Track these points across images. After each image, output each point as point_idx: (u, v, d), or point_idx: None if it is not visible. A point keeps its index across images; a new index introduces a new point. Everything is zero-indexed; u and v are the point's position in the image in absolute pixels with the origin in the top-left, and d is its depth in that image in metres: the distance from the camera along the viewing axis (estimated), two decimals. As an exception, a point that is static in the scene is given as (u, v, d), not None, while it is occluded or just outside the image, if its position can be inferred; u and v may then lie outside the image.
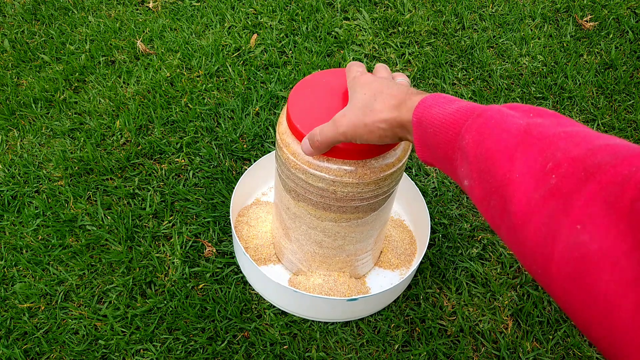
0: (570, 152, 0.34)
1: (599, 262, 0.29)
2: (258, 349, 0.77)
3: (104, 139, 1.03)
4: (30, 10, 1.32)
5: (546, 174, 0.34)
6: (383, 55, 1.26)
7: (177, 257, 0.85)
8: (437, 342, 0.79)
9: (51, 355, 0.75)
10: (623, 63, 1.28)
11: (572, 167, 0.33)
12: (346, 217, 0.67)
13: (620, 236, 0.28)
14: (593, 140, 0.34)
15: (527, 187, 0.34)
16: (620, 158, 0.31)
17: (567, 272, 0.30)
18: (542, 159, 0.35)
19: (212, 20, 1.31)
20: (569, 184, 0.32)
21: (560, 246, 0.31)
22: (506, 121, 0.39)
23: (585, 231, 0.30)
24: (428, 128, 0.46)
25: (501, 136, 0.38)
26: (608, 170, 0.31)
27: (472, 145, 0.40)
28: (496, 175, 0.37)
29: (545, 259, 0.32)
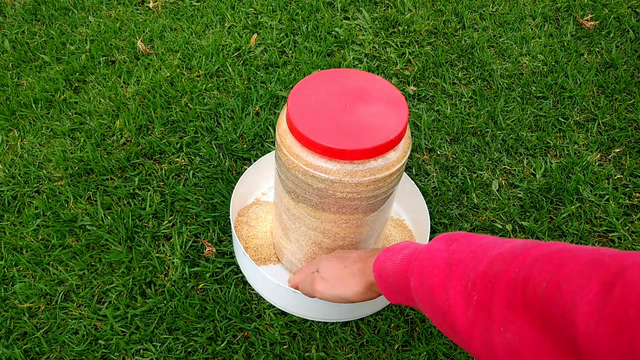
0: (478, 269, 0.43)
1: (523, 349, 0.37)
2: (258, 348, 0.77)
3: (104, 139, 1.03)
4: (31, 10, 1.33)
5: (469, 294, 0.42)
6: (383, 54, 1.26)
7: (177, 257, 0.85)
8: (437, 342, 0.79)
9: (51, 355, 0.75)
10: (624, 62, 1.28)
11: (482, 282, 0.41)
12: (346, 218, 0.67)
13: (526, 325, 0.37)
14: (490, 252, 0.43)
15: (462, 309, 0.43)
16: (507, 264, 0.40)
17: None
18: (464, 282, 0.44)
19: (212, 20, 1.31)
20: (485, 297, 0.41)
21: (498, 347, 0.39)
22: (434, 257, 0.49)
23: (507, 330, 0.38)
24: (388, 279, 0.55)
25: (433, 273, 0.48)
26: (501, 277, 0.40)
27: (418, 286, 0.49)
28: (440, 306, 0.46)
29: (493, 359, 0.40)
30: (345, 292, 0.63)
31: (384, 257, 0.57)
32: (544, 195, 0.99)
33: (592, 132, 1.12)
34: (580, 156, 1.06)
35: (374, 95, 0.64)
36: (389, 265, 0.55)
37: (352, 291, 0.62)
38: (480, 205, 0.97)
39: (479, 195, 0.98)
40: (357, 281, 0.61)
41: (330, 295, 0.64)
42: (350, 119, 0.61)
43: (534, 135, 1.10)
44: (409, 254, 0.54)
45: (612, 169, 1.04)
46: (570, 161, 1.05)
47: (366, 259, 0.62)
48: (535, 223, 0.95)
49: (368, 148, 0.59)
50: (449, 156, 1.05)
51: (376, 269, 0.57)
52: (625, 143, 1.10)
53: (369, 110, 0.62)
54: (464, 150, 1.06)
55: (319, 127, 0.60)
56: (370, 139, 0.59)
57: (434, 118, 1.12)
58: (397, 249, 0.56)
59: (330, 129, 0.60)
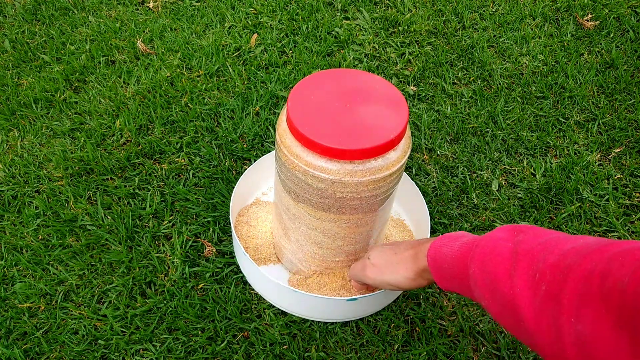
0: (547, 261, 0.42)
1: (595, 343, 0.37)
2: (258, 348, 0.77)
3: (104, 139, 1.03)
4: (31, 10, 1.33)
5: (537, 284, 0.42)
6: (383, 54, 1.26)
7: (177, 257, 0.85)
8: (437, 342, 0.79)
9: (51, 355, 0.75)
10: (624, 62, 1.28)
11: (552, 273, 0.41)
12: (346, 217, 0.67)
13: (601, 318, 0.36)
14: (562, 246, 0.43)
15: (528, 298, 0.43)
16: (582, 257, 0.40)
17: (579, 356, 0.38)
18: (532, 272, 0.43)
19: (212, 20, 1.31)
20: (555, 288, 0.40)
21: (567, 339, 0.39)
22: (497, 246, 0.48)
23: (579, 322, 0.38)
24: (443, 265, 0.55)
25: (497, 260, 0.47)
26: (575, 269, 0.40)
27: (478, 273, 0.49)
28: (504, 293, 0.45)
29: (560, 350, 0.40)
30: (395, 278, 0.62)
31: (441, 242, 0.56)
32: (544, 195, 0.99)
33: (592, 132, 1.12)
34: (580, 156, 1.06)
35: (374, 95, 0.64)
36: (446, 250, 0.55)
37: (402, 277, 0.62)
38: (480, 205, 0.97)
39: (479, 195, 0.98)
40: (408, 267, 0.61)
41: (380, 281, 0.64)
42: (350, 118, 0.61)
43: (534, 135, 1.10)
44: (468, 241, 0.53)
45: (612, 169, 1.04)
46: (570, 161, 1.05)
47: (419, 245, 0.61)
48: (535, 223, 0.95)
49: (368, 148, 0.59)
50: (449, 156, 1.05)
51: (431, 254, 0.57)
52: (625, 143, 1.10)
53: (369, 110, 0.62)
54: (464, 150, 1.06)
55: (319, 127, 0.60)
56: (370, 138, 0.59)
57: (434, 118, 1.12)
58: (455, 237, 0.56)
59: (330, 128, 0.60)
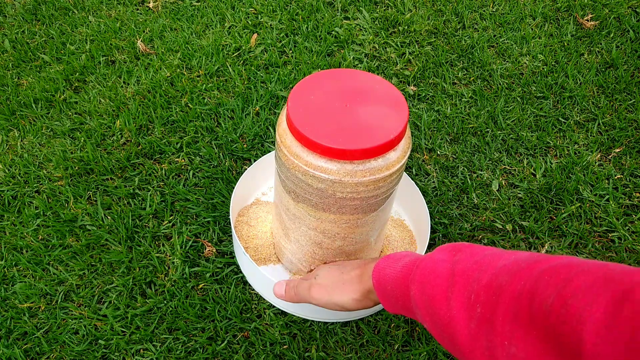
0: (482, 281, 0.42)
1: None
2: (258, 348, 0.77)
3: (104, 139, 1.03)
4: (31, 10, 1.33)
5: (473, 306, 0.41)
6: (383, 54, 1.26)
7: (177, 257, 0.85)
8: (437, 342, 0.79)
9: (51, 355, 0.75)
10: (624, 62, 1.28)
11: (486, 294, 0.40)
12: (346, 218, 0.67)
13: (531, 340, 0.36)
14: (495, 263, 0.42)
15: (464, 320, 0.42)
16: (513, 275, 0.39)
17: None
18: (467, 293, 0.43)
19: (212, 20, 1.31)
20: (488, 310, 0.40)
21: (500, 354, 0.38)
22: (436, 267, 0.48)
23: (511, 345, 0.37)
24: (387, 287, 0.54)
25: (436, 282, 0.47)
26: (506, 289, 0.39)
27: (418, 295, 0.48)
28: (440, 317, 0.45)
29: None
30: (341, 299, 0.61)
31: (384, 263, 0.56)
32: (544, 195, 0.99)
33: (592, 132, 1.12)
34: (580, 156, 1.06)
35: (374, 95, 0.64)
36: (389, 272, 0.54)
37: (348, 298, 0.61)
38: (480, 205, 0.97)
39: (479, 195, 0.98)
40: (354, 288, 0.60)
41: (325, 302, 0.63)
42: (350, 119, 0.61)
43: (534, 135, 1.10)
44: (410, 262, 0.53)
45: (612, 169, 1.04)
46: (570, 161, 1.05)
47: (365, 266, 0.61)
48: (535, 223, 0.95)
49: (368, 148, 0.59)
50: (449, 156, 1.05)
51: (375, 276, 0.56)
52: (625, 143, 1.10)
53: (369, 110, 0.62)
54: (464, 150, 1.06)
55: (319, 127, 0.60)
56: (370, 139, 0.59)
57: (434, 118, 1.12)
58: (398, 257, 0.55)
59: (330, 129, 0.60)
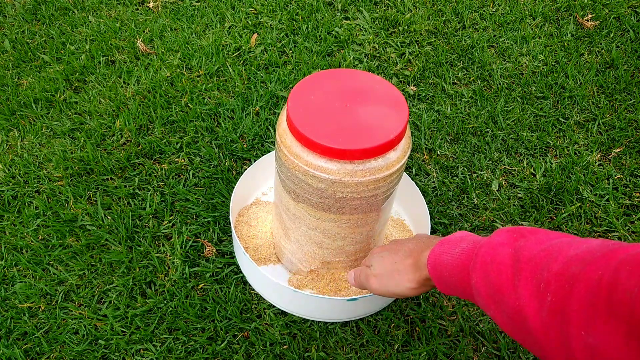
0: (552, 269, 0.41)
1: (606, 355, 0.35)
2: (258, 348, 0.77)
3: (104, 139, 1.03)
4: (31, 10, 1.33)
5: (543, 294, 0.41)
6: (383, 54, 1.26)
7: (177, 257, 0.85)
8: (437, 342, 0.79)
9: (51, 355, 0.75)
10: (624, 62, 1.28)
11: (557, 283, 0.40)
12: (346, 218, 0.67)
13: (611, 331, 0.35)
14: (565, 252, 0.41)
15: (535, 309, 0.41)
16: (587, 265, 0.38)
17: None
18: (536, 281, 0.42)
19: (212, 20, 1.31)
20: (561, 299, 0.39)
21: (578, 352, 0.37)
22: (498, 253, 0.46)
23: (589, 335, 0.36)
24: (444, 274, 0.53)
25: (499, 269, 0.46)
26: (581, 278, 0.38)
27: (481, 284, 0.47)
28: (509, 304, 0.44)
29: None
30: (398, 289, 0.61)
31: (440, 249, 0.54)
32: (544, 195, 0.99)
33: (592, 132, 1.12)
34: (580, 156, 1.06)
35: (374, 95, 0.64)
36: (445, 258, 0.52)
37: (405, 287, 0.60)
38: (480, 205, 0.97)
39: (479, 195, 0.98)
40: (410, 277, 0.59)
41: (384, 292, 0.63)
42: (351, 118, 0.61)
43: (534, 135, 1.10)
44: (468, 247, 0.51)
45: (612, 169, 1.04)
46: (570, 161, 1.05)
47: (419, 253, 0.59)
48: (535, 223, 0.95)
49: (368, 148, 0.59)
50: (449, 156, 1.05)
51: (431, 262, 0.54)
52: (625, 143, 1.10)
53: (369, 110, 0.62)
54: (464, 150, 1.06)
55: (319, 127, 0.60)
56: (371, 138, 0.59)
57: (434, 118, 1.12)
58: (455, 241, 0.53)
59: (330, 128, 0.60)
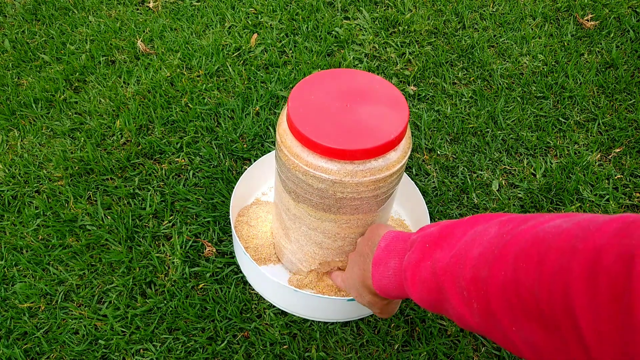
0: (465, 276, 0.42)
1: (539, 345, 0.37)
2: (258, 348, 0.77)
3: (104, 139, 1.03)
4: (31, 10, 1.32)
5: (469, 303, 0.42)
6: (383, 54, 1.26)
7: (177, 257, 0.85)
8: (437, 342, 0.79)
9: (51, 355, 0.75)
10: (624, 62, 1.28)
11: (475, 289, 0.41)
12: (346, 218, 0.67)
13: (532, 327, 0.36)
14: (471, 253, 0.42)
15: (469, 315, 0.42)
16: (491, 266, 0.39)
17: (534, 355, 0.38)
18: (459, 289, 0.43)
19: (212, 20, 1.31)
20: (483, 304, 0.40)
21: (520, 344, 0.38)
22: (420, 272, 0.49)
23: (521, 331, 0.37)
24: (393, 294, 0.56)
25: (427, 287, 0.48)
26: (490, 282, 0.39)
27: (422, 303, 0.50)
28: (450, 314, 0.46)
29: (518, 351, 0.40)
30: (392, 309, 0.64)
31: (378, 274, 0.57)
32: (544, 195, 0.99)
33: (592, 132, 1.12)
34: (580, 156, 1.06)
35: (374, 95, 0.64)
36: (385, 283, 0.56)
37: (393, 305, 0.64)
38: (480, 205, 0.97)
39: (479, 195, 0.98)
40: (382, 302, 0.62)
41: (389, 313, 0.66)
42: (351, 119, 0.61)
43: (534, 135, 1.10)
44: (397, 266, 0.54)
45: (612, 169, 1.04)
46: (571, 161, 1.05)
47: (364, 279, 0.61)
48: (535, 223, 0.94)
49: (368, 148, 0.59)
50: (449, 156, 1.05)
51: (378, 289, 0.58)
52: (625, 143, 1.10)
53: (369, 110, 0.62)
54: (464, 150, 1.06)
55: (320, 127, 0.60)
56: (371, 139, 0.59)
57: (434, 118, 1.12)
58: (385, 260, 0.56)
59: (330, 129, 0.60)
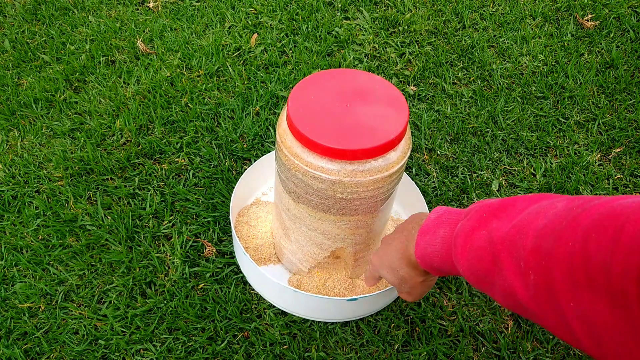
0: (526, 246, 0.40)
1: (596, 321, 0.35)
2: (258, 348, 0.77)
3: (104, 139, 1.03)
4: (31, 10, 1.32)
5: (525, 273, 0.40)
6: (383, 54, 1.26)
7: (177, 257, 0.85)
8: (437, 342, 0.79)
9: (51, 355, 0.75)
10: (624, 62, 1.28)
11: (535, 260, 0.39)
12: (346, 219, 0.67)
13: (595, 301, 0.34)
14: (535, 224, 0.41)
15: (521, 287, 0.41)
16: (558, 237, 0.37)
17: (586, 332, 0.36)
18: (514, 260, 0.41)
19: (212, 20, 1.31)
20: (542, 276, 0.38)
21: (571, 320, 0.37)
22: (474, 239, 0.47)
23: (578, 305, 0.36)
24: (434, 266, 0.55)
25: (479, 255, 0.46)
26: (555, 254, 0.37)
27: (468, 273, 0.48)
28: (498, 286, 0.44)
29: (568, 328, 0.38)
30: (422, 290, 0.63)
31: (423, 242, 0.55)
32: (544, 195, 0.99)
33: (592, 132, 1.12)
34: (580, 156, 1.06)
35: (374, 95, 0.64)
36: (430, 251, 0.54)
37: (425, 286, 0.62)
38: (480, 205, 0.97)
39: (479, 195, 0.98)
40: (419, 276, 0.61)
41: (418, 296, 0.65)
42: (351, 119, 0.61)
43: (534, 135, 1.10)
44: (446, 235, 0.52)
45: (612, 169, 1.04)
46: (571, 161, 1.05)
47: (408, 252, 0.59)
48: (535, 223, 0.95)
49: (368, 148, 0.59)
50: (449, 156, 1.05)
51: (420, 258, 0.56)
52: (625, 143, 1.10)
53: (369, 110, 0.62)
54: (464, 150, 1.06)
55: (320, 127, 0.60)
56: (371, 139, 0.59)
57: (434, 118, 1.12)
58: (433, 229, 0.54)
59: (330, 129, 0.60)
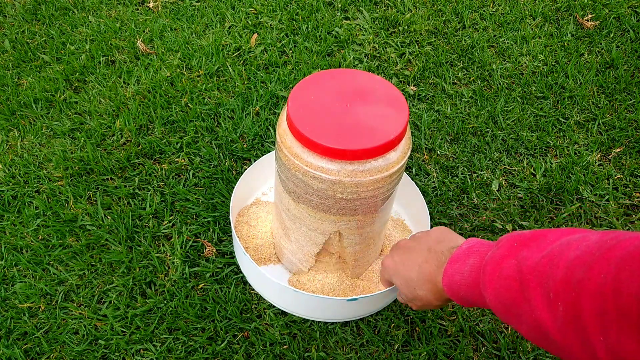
0: (556, 277, 0.40)
1: (627, 356, 0.34)
2: (258, 348, 0.77)
3: (104, 139, 1.03)
4: (31, 10, 1.32)
5: (554, 304, 0.40)
6: (383, 54, 1.26)
7: (177, 257, 0.85)
8: (437, 342, 0.79)
9: (51, 355, 0.75)
10: (624, 62, 1.28)
11: (565, 292, 0.39)
12: (346, 219, 0.67)
13: (625, 335, 0.34)
14: (566, 256, 0.40)
15: (549, 319, 0.40)
16: (589, 268, 0.37)
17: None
18: (543, 290, 0.41)
19: (212, 20, 1.31)
20: (572, 307, 0.38)
21: (600, 353, 0.36)
22: (503, 268, 0.46)
23: (607, 339, 0.35)
24: (460, 294, 0.54)
25: (508, 285, 0.45)
26: (586, 285, 0.37)
27: (495, 302, 0.48)
28: (525, 316, 0.44)
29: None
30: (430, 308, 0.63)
31: (452, 270, 0.54)
32: (544, 195, 0.99)
33: (592, 132, 1.12)
34: (580, 156, 1.06)
35: (374, 95, 0.64)
36: (458, 279, 0.53)
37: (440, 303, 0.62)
38: (480, 205, 0.97)
39: (479, 195, 0.98)
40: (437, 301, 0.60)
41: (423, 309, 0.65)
42: (351, 119, 0.61)
43: (534, 135, 1.10)
44: (476, 263, 0.51)
45: (612, 169, 1.04)
46: (571, 161, 1.05)
47: (434, 278, 0.59)
48: (535, 223, 0.95)
49: (368, 148, 0.59)
50: (449, 156, 1.05)
51: (446, 285, 0.55)
52: (625, 143, 1.10)
53: (369, 111, 0.62)
54: (464, 150, 1.06)
55: (320, 127, 0.60)
56: (371, 139, 0.59)
57: (434, 118, 1.12)
58: (464, 258, 0.54)
59: (330, 129, 0.60)
